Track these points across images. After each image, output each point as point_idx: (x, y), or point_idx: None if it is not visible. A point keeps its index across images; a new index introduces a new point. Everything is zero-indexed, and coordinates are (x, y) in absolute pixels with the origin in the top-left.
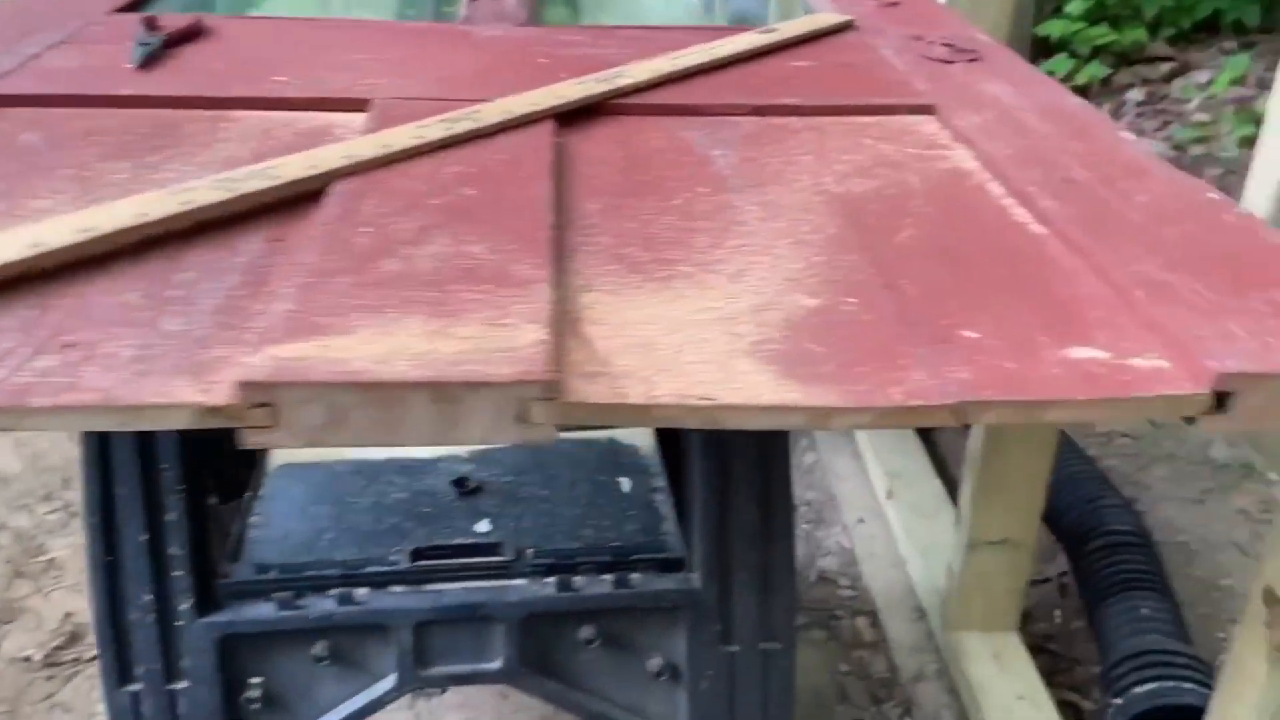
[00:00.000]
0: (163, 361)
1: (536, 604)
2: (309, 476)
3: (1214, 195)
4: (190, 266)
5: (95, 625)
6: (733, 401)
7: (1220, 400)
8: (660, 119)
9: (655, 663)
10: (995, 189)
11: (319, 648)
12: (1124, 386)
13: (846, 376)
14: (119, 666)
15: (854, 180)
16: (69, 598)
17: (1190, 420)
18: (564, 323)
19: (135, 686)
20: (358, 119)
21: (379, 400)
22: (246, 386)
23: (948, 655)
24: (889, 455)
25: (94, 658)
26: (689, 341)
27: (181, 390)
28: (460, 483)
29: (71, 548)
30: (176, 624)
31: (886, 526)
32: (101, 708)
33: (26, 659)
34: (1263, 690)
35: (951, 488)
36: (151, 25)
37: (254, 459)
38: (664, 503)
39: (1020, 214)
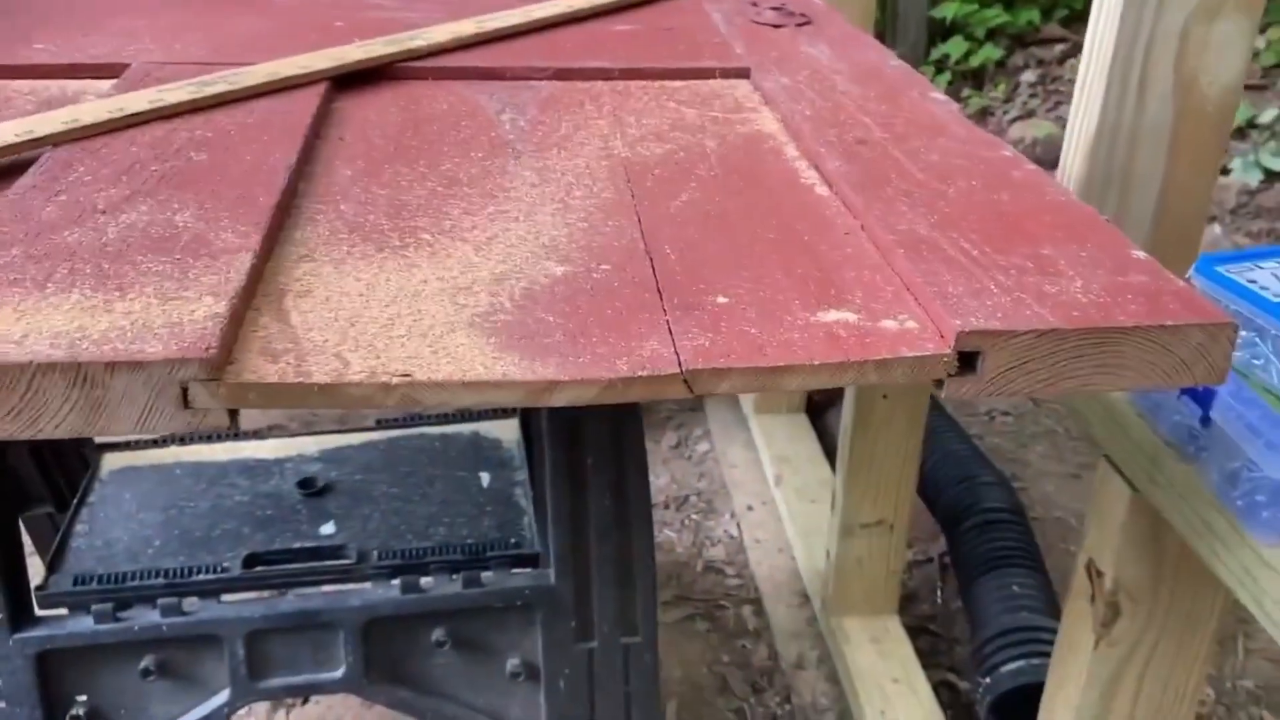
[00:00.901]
0: None
1: (380, 607)
2: (143, 481)
3: (1007, 153)
4: None
5: None
6: (434, 378)
7: (969, 361)
8: (454, 83)
9: (512, 663)
10: (790, 151)
11: (146, 662)
12: (866, 349)
13: (574, 348)
14: None
15: (646, 144)
16: None
17: (939, 384)
18: (261, 296)
19: None
20: (111, 85)
21: (8, 387)
22: None
23: (828, 640)
24: (780, 441)
25: None
26: (404, 314)
27: None
28: (307, 483)
29: None
30: None
31: (775, 513)
32: None
33: None
34: (1089, 665)
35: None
36: None
37: (87, 464)
38: (524, 497)
39: (809, 176)
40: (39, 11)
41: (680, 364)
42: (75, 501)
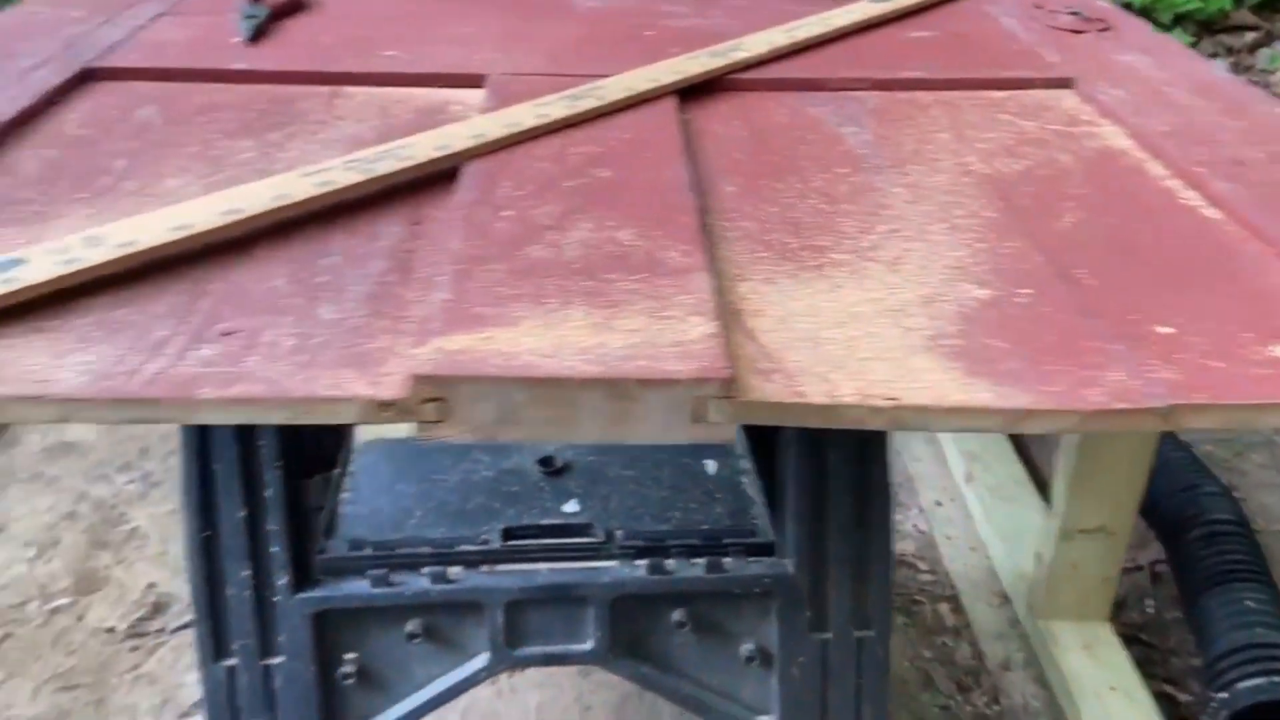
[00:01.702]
0: (325, 352)
1: (628, 586)
2: (396, 453)
3: None
4: (333, 251)
5: (193, 600)
6: (920, 402)
7: None
8: (781, 94)
9: (747, 648)
10: (1156, 169)
11: (412, 625)
12: None
13: (1036, 375)
14: (215, 641)
15: (1000, 160)
16: (151, 568)
17: None
18: (727, 315)
19: (231, 661)
20: (472, 95)
21: (552, 397)
22: (420, 380)
23: (1036, 644)
24: (966, 437)
25: (179, 629)
26: (859, 336)
27: (351, 383)
28: (546, 461)
29: (152, 517)
30: (273, 600)
31: (965, 510)
32: (187, 679)
33: (110, 630)
34: None
35: (1032, 470)
36: None
37: (340, 434)
38: (751, 485)
39: (1189, 197)
40: (370, 19)
41: (1157, 398)
42: (339, 471)
